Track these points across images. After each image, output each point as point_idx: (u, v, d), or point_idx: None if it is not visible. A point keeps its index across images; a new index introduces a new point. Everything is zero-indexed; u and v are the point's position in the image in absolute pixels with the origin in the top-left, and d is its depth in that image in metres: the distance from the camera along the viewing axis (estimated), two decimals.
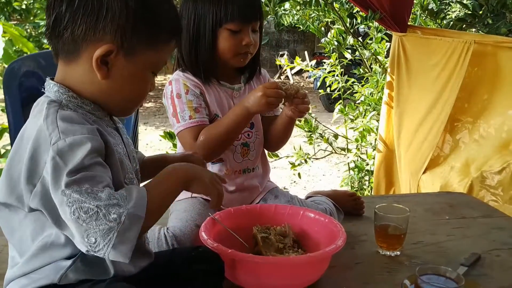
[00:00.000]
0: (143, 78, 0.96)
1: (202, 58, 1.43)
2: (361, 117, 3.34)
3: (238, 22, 1.38)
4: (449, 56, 2.43)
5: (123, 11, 0.89)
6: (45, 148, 0.83)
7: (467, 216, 1.64)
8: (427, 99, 2.54)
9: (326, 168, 4.84)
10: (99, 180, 0.82)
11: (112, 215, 0.78)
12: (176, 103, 1.41)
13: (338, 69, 3.46)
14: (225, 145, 1.41)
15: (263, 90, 1.31)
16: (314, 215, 1.30)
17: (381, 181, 2.98)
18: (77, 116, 0.89)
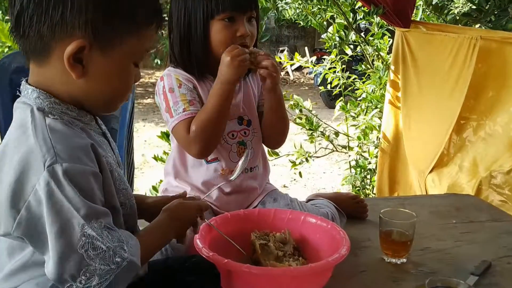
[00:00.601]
0: (125, 71, 0.88)
1: (194, 53, 1.35)
2: (363, 114, 3.26)
3: (231, 11, 1.30)
4: (456, 52, 2.36)
5: (90, 1, 0.80)
6: (36, 169, 0.76)
7: (474, 220, 1.57)
8: (434, 97, 2.48)
9: (327, 165, 4.77)
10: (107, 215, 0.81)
11: (117, 258, 0.78)
12: (169, 97, 1.34)
13: (339, 65, 3.39)
14: (219, 128, 1.33)
15: (227, 54, 1.27)
16: (316, 220, 1.23)
17: (384, 180, 2.92)
18: (68, 130, 0.83)
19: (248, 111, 1.43)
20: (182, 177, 1.40)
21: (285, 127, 1.46)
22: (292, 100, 3.28)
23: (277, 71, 1.32)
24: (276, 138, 1.49)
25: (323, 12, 3.22)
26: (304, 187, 4.38)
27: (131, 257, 0.80)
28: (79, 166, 0.78)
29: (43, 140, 0.79)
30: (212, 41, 1.33)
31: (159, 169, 2.50)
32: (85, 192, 0.78)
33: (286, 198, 1.44)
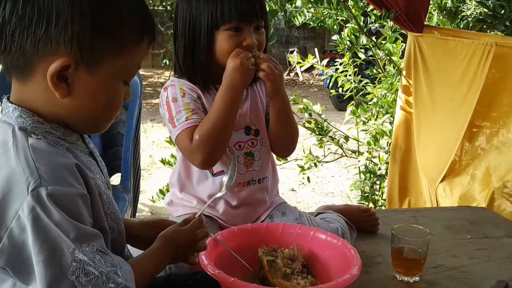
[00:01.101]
0: (113, 90, 0.83)
1: (198, 63, 1.31)
2: (374, 119, 3.21)
3: (238, 21, 1.26)
4: (469, 58, 2.30)
5: (76, 16, 0.75)
6: (19, 194, 0.71)
7: (490, 235, 1.52)
8: (446, 103, 2.42)
9: (335, 169, 4.72)
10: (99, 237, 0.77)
11: (110, 284, 0.74)
12: (172, 107, 1.30)
13: (351, 68, 3.34)
14: (224, 137, 1.27)
15: (232, 59, 1.23)
16: (326, 236, 1.18)
17: (394, 188, 2.86)
18: (52, 149, 0.78)
19: (255, 120, 1.38)
20: (188, 190, 1.37)
21: (294, 134, 1.40)
22: (301, 103, 3.24)
23: (275, 74, 1.27)
24: (284, 146, 1.43)
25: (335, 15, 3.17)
26: (312, 190, 4.34)
27: (125, 283, 0.76)
28: (65, 188, 0.74)
29: (26, 161, 0.74)
30: (217, 50, 1.29)
31: (166, 171, 2.47)
32: (73, 214, 0.73)
33: (295, 212, 1.40)
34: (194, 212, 1.27)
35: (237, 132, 1.35)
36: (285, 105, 1.35)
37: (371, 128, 3.11)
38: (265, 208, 1.41)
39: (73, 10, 0.75)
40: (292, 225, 1.24)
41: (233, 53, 1.24)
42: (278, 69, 1.28)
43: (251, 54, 1.25)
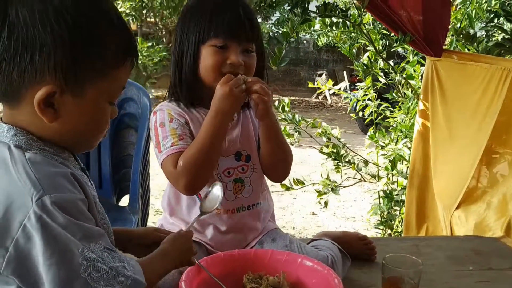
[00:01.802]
0: (99, 112, 0.87)
1: (184, 80, 1.31)
2: (393, 144, 3.16)
3: (224, 37, 1.26)
4: (487, 83, 2.25)
5: (58, 45, 0.78)
6: (22, 205, 0.76)
7: (494, 267, 1.46)
8: (462, 129, 2.37)
9: (358, 193, 4.65)
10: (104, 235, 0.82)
11: (121, 277, 0.80)
12: (159, 132, 1.30)
13: (371, 92, 3.31)
14: (209, 163, 1.25)
15: (221, 85, 1.20)
16: (313, 264, 1.16)
17: (412, 214, 2.79)
18: (48, 161, 0.83)
19: (247, 145, 1.37)
20: (178, 215, 1.37)
21: (286, 156, 1.38)
22: (320, 127, 3.22)
23: (269, 95, 1.24)
24: (277, 170, 1.40)
25: (354, 39, 3.17)
26: (333, 215, 4.28)
27: (135, 276, 0.82)
28: (66, 195, 0.79)
29: (26, 174, 0.78)
30: (201, 67, 1.28)
31: None
32: (77, 217, 0.79)
33: (285, 238, 1.37)
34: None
35: (226, 158, 1.34)
36: (275, 126, 1.33)
37: (389, 153, 3.06)
38: (256, 234, 1.39)
39: (54, 40, 0.78)
40: (280, 251, 1.22)
41: (222, 79, 1.22)
42: (269, 90, 1.26)
43: (242, 81, 1.22)
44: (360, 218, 4.16)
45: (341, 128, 6.83)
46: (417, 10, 2.62)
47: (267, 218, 1.44)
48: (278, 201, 4.44)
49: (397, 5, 2.59)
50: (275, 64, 2.59)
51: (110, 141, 2.05)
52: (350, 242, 1.44)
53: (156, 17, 7.28)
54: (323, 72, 9.44)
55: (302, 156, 5.77)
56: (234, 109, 1.25)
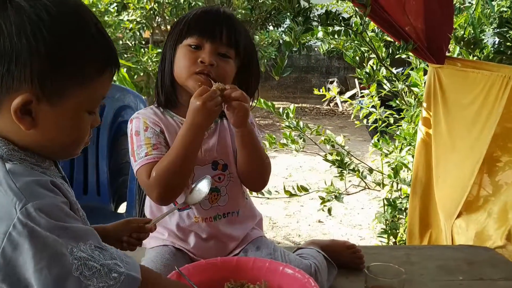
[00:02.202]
0: (77, 121, 0.88)
1: (163, 82, 1.33)
2: (397, 151, 3.14)
3: (198, 35, 1.27)
4: (488, 90, 2.23)
5: (34, 56, 0.80)
6: (5, 216, 0.77)
7: (485, 277, 1.44)
8: (463, 137, 2.34)
9: (365, 201, 4.62)
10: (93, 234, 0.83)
11: (113, 273, 0.81)
12: (134, 141, 1.31)
13: (375, 100, 3.30)
14: (182, 175, 1.25)
15: (195, 97, 1.19)
16: (294, 272, 1.16)
17: (415, 222, 2.76)
18: (29, 171, 0.84)
19: (223, 154, 1.37)
20: (161, 222, 1.37)
21: (263, 164, 1.37)
22: (324, 135, 3.22)
23: (248, 101, 1.25)
24: (255, 178, 1.40)
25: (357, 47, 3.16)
26: (340, 222, 4.26)
27: (128, 272, 0.82)
28: (49, 200, 0.81)
29: (8, 185, 0.80)
30: (175, 67, 1.29)
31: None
32: (62, 219, 0.80)
33: (269, 247, 1.37)
34: (166, 244, 1.29)
35: (203, 167, 1.34)
36: (253, 134, 1.32)
37: (392, 160, 3.04)
38: (237, 242, 1.39)
39: (30, 52, 0.80)
40: (263, 259, 1.22)
41: (197, 92, 1.21)
42: (246, 97, 1.25)
43: (218, 92, 1.21)
44: (367, 226, 4.13)
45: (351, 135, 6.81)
46: (419, 17, 2.60)
47: (249, 226, 1.43)
48: (284, 208, 4.43)
49: (399, 13, 2.59)
50: (277, 74, 2.59)
51: (108, 149, 2.07)
52: (338, 251, 1.44)
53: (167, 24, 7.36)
54: (334, 79, 9.43)
55: (311, 164, 5.76)
56: (208, 122, 1.24)
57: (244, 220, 1.42)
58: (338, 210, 4.37)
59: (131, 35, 6.19)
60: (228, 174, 1.38)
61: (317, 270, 1.29)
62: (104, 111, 2.07)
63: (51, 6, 0.82)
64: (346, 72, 9.68)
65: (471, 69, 2.43)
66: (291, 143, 3.16)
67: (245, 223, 1.42)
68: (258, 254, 1.34)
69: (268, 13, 7.53)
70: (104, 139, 2.06)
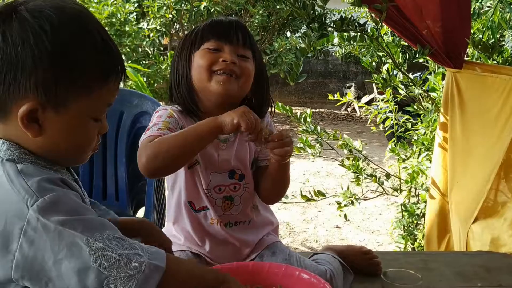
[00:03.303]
0: (83, 128, 0.91)
1: (180, 88, 1.33)
2: (414, 157, 3.12)
3: (217, 39, 1.28)
4: (506, 95, 2.21)
5: (38, 65, 0.83)
6: (18, 213, 0.80)
7: (505, 284, 1.43)
8: (481, 142, 2.32)
9: (383, 206, 4.59)
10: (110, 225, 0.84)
11: (133, 263, 0.80)
12: (154, 120, 1.31)
13: (392, 105, 3.29)
14: (176, 156, 1.17)
15: (244, 108, 1.14)
16: (310, 277, 1.16)
17: (433, 228, 2.74)
18: (40, 170, 0.87)
19: (241, 165, 1.38)
20: (180, 223, 1.39)
21: (286, 188, 1.39)
22: (341, 140, 3.21)
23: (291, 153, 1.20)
24: (275, 197, 1.42)
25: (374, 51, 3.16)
26: (357, 228, 4.24)
27: (150, 261, 0.82)
28: (60, 193, 0.83)
29: (19, 184, 0.83)
30: (193, 72, 1.30)
31: None
32: (75, 211, 0.82)
33: (285, 252, 1.38)
34: (183, 249, 1.30)
35: (220, 174, 1.35)
36: (287, 168, 1.33)
37: (409, 166, 3.02)
38: (251, 248, 1.41)
39: (34, 61, 0.83)
40: (278, 264, 1.23)
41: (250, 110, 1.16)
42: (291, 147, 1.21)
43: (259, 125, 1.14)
44: (385, 232, 4.10)
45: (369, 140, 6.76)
46: (436, 21, 2.59)
47: (263, 232, 1.44)
48: (302, 213, 4.42)
49: (415, 17, 2.58)
50: (293, 80, 2.60)
51: (126, 155, 2.10)
52: (354, 256, 1.44)
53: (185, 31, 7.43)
54: (352, 84, 9.40)
55: (329, 169, 5.75)
56: (228, 132, 1.19)
57: (256, 226, 1.43)
58: (356, 216, 4.35)
59: (150, 42, 6.25)
60: (244, 184, 1.39)
61: (332, 276, 1.30)
62: (122, 117, 2.10)
63: (53, 16, 0.84)
64: (364, 77, 9.64)
65: (490, 73, 2.41)
66: (308, 148, 3.16)
67: (258, 229, 1.43)
68: (274, 259, 1.35)
69: (284, 19, 7.55)
70: (122, 145, 2.09)
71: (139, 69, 5.23)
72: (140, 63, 5.84)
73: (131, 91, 2.42)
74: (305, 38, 2.31)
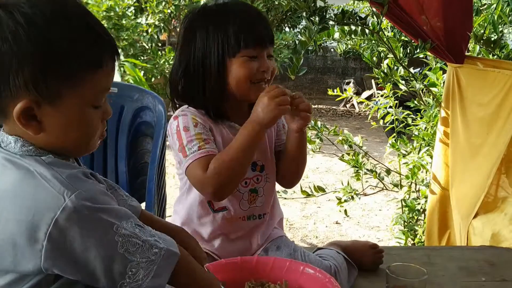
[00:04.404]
0: (84, 117, 0.89)
1: (211, 94, 1.29)
2: (415, 152, 3.12)
3: (254, 47, 1.26)
4: (507, 90, 2.21)
5: (23, 63, 0.81)
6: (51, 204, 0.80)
7: (508, 278, 1.42)
8: (482, 137, 2.32)
9: (383, 202, 4.58)
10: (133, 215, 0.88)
11: (154, 249, 0.86)
12: (183, 136, 1.27)
13: (392, 100, 3.28)
14: (240, 172, 1.25)
15: (267, 94, 1.18)
16: (314, 272, 1.16)
17: (434, 224, 2.74)
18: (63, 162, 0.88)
19: (261, 156, 1.38)
20: (191, 224, 1.37)
21: (304, 166, 1.41)
22: (341, 135, 3.21)
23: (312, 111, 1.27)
24: (296, 176, 1.43)
25: (374, 46, 3.15)
26: (357, 224, 4.23)
27: (167, 247, 0.88)
28: (93, 186, 0.86)
29: (53, 177, 0.83)
30: (230, 78, 1.27)
31: None
32: (107, 202, 0.85)
33: (290, 246, 1.38)
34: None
35: None
36: (305, 139, 1.35)
37: (410, 161, 3.01)
38: (257, 240, 1.40)
39: (18, 59, 0.81)
40: (283, 259, 1.22)
41: (267, 88, 1.22)
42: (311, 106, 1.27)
43: (287, 93, 1.21)
44: (385, 228, 4.10)
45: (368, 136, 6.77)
46: (438, 16, 2.58)
47: (271, 225, 1.45)
48: (302, 209, 4.42)
49: (416, 11, 2.56)
50: (293, 73, 2.58)
51: (126, 150, 2.08)
52: (360, 251, 1.43)
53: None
54: (350, 80, 9.38)
55: (328, 165, 5.74)
56: (271, 121, 1.22)
57: (271, 218, 1.44)
58: (356, 212, 4.35)
59: (149, 38, 6.23)
60: (265, 175, 1.39)
61: (337, 271, 1.29)
62: (122, 112, 2.08)
63: (28, 10, 0.81)
64: (363, 73, 9.62)
65: (491, 68, 2.40)
66: (308, 143, 3.15)
67: (269, 222, 1.44)
68: (279, 254, 1.34)
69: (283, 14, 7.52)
70: (123, 140, 2.07)
71: (137, 63, 5.20)
72: (138, 58, 5.82)
73: (132, 86, 2.41)
74: (306, 31, 2.29)
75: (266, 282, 1.15)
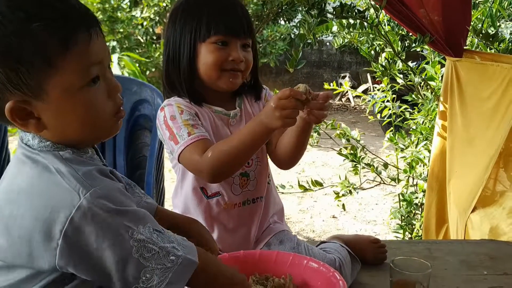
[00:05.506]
0: (84, 99, 0.84)
1: (184, 79, 1.31)
2: (412, 146, 3.12)
3: (225, 34, 1.26)
4: (506, 84, 2.20)
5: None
6: (67, 201, 0.79)
7: (509, 272, 1.42)
8: (480, 131, 2.32)
9: (380, 196, 4.59)
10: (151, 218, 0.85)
11: (171, 256, 0.83)
12: (171, 125, 1.28)
13: (390, 94, 3.27)
14: (237, 165, 1.24)
15: (275, 101, 1.11)
16: (318, 266, 1.15)
17: (431, 218, 2.75)
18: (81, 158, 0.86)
19: None
20: (188, 213, 1.37)
21: (304, 151, 1.38)
22: (339, 129, 3.20)
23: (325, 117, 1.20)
24: (292, 159, 1.39)
25: (372, 40, 3.14)
26: (354, 218, 4.24)
27: (185, 255, 0.85)
28: (111, 185, 0.84)
29: (70, 173, 0.81)
30: (200, 65, 1.28)
31: None
32: (123, 203, 0.83)
33: (293, 240, 1.37)
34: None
35: None
36: (310, 128, 1.30)
37: (408, 155, 3.02)
38: (261, 230, 1.40)
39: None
40: (286, 253, 1.22)
41: (278, 95, 1.12)
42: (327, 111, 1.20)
43: (300, 104, 1.12)
44: (381, 222, 4.11)
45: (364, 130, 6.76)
46: (437, 10, 2.57)
47: (270, 214, 1.44)
48: (298, 203, 4.42)
49: (415, 5, 2.56)
50: (292, 66, 2.57)
51: (125, 143, 2.07)
52: (362, 245, 1.43)
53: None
54: (346, 74, 9.36)
55: (324, 159, 5.74)
56: (277, 127, 1.17)
57: (267, 205, 1.43)
58: (352, 206, 4.35)
59: (144, 31, 6.19)
60: (255, 158, 1.38)
61: (341, 265, 1.29)
62: None
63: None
64: (358, 67, 9.61)
65: (490, 62, 2.40)
66: None
67: (269, 210, 1.43)
68: (282, 248, 1.34)
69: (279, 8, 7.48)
70: (121, 133, 2.05)
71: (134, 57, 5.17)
72: (133, 51, 5.79)
73: (130, 78, 2.39)
74: (304, 24, 2.28)
75: (270, 276, 1.15)
